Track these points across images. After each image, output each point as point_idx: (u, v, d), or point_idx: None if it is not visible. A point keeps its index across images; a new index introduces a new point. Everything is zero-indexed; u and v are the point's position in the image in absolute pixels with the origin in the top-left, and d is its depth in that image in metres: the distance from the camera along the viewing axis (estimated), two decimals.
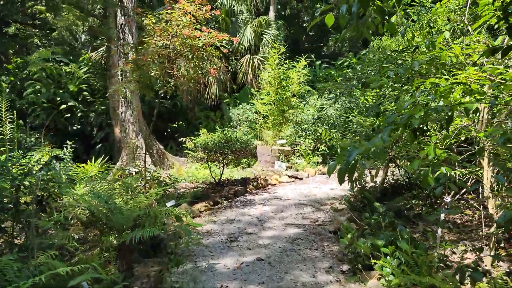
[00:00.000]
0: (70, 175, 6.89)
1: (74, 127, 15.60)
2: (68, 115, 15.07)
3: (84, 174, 9.40)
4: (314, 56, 20.05)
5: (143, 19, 6.98)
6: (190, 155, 10.68)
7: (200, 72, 7.21)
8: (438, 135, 4.30)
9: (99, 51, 15.86)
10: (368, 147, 2.45)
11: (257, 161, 12.01)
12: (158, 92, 7.20)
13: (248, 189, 8.92)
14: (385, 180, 7.12)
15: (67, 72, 14.98)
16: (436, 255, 4.28)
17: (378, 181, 7.28)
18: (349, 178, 2.46)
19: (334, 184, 9.46)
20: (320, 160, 11.32)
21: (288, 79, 11.63)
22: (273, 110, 11.73)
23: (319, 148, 11.49)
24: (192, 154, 10.38)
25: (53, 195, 5.13)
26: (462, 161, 4.28)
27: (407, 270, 3.91)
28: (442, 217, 4.48)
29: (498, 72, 3.07)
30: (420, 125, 2.78)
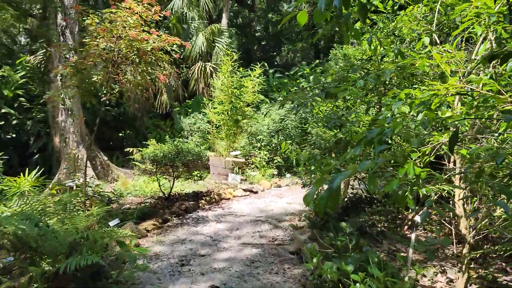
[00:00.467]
0: None
1: (8, 136, 14.33)
2: (2, 122, 13.81)
3: (16, 188, 8.46)
4: (267, 66, 19.81)
5: (85, 19, 6.29)
6: (137, 166, 9.95)
7: (148, 78, 6.60)
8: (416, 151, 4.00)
9: (38, 54, 14.71)
10: (355, 169, 2.03)
11: (209, 173, 11.44)
12: (101, 99, 6.50)
13: (200, 204, 8.33)
14: (346, 195, 6.82)
15: (1, 76, 13.74)
16: (407, 279, 3.95)
17: None
18: (330, 207, 2.02)
19: (289, 198, 9.10)
20: (275, 172, 10.93)
21: (242, 87, 11.17)
22: (226, 120, 11.20)
23: (275, 159, 11.11)
24: (140, 166, 9.67)
25: None
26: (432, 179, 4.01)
27: None
28: (412, 237, 4.16)
29: (484, 82, 2.77)
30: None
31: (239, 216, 7.59)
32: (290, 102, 4.80)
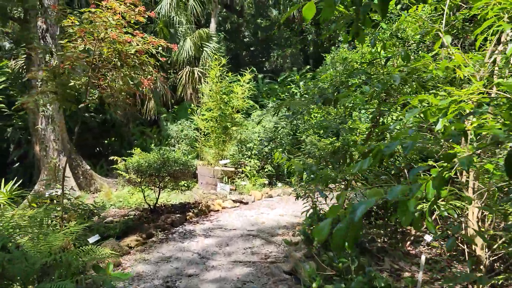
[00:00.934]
0: None
1: None
2: None
3: None
4: (256, 71, 19.43)
5: (62, 19, 5.83)
6: (122, 176, 9.45)
7: (131, 83, 6.14)
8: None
9: (19, 59, 14.13)
10: (380, 195, 1.63)
11: (197, 182, 10.97)
12: (79, 105, 6.02)
13: (187, 216, 7.86)
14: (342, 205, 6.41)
15: None
16: None
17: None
18: (349, 244, 1.61)
19: (281, 209, 8.68)
20: (266, 181, 10.50)
21: (231, 93, 10.74)
22: (215, 127, 10.75)
23: (265, 168, 10.68)
24: (124, 176, 9.17)
25: None
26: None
27: None
28: (422, 260, 3.77)
29: None
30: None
31: (228, 230, 7.14)
32: (285, 109, 4.41)
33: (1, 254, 3.91)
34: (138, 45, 6.22)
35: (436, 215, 5.07)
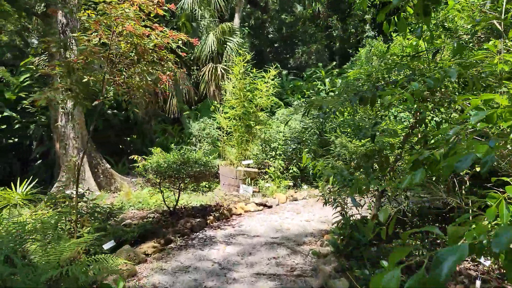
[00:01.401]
0: None
1: (10, 140, 13.67)
2: (4, 126, 13.17)
3: (6, 201, 7.71)
4: (280, 67, 18.90)
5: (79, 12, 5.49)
6: (142, 175, 9.12)
7: (149, 79, 5.75)
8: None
9: (42, 55, 14.02)
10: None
11: (219, 183, 10.56)
12: (94, 102, 5.66)
13: (208, 221, 7.45)
14: (376, 216, 5.88)
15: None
16: None
17: (367, 214, 6.05)
18: None
19: (307, 214, 8.18)
20: (291, 183, 9.99)
21: (255, 90, 10.25)
22: (238, 125, 10.29)
23: (290, 169, 10.18)
24: (144, 175, 8.84)
25: None
26: None
27: None
28: (478, 285, 3.23)
29: None
30: None
31: (251, 236, 6.69)
32: (319, 107, 3.91)
33: (2, 268, 3.56)
34: (156, 39, 5.84)
35: None
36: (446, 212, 6.06)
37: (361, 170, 5.52)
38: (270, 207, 8.61)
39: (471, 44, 4.20)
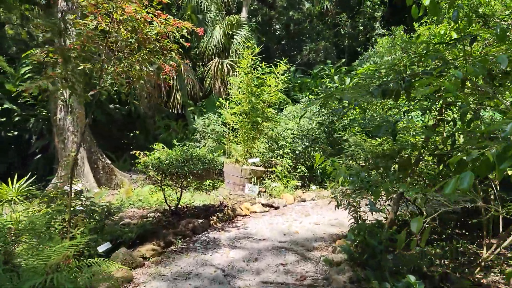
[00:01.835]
0: None
1: (10, 134, 13.30)
2: (3, 119, 12.79)
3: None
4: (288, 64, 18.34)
5: None
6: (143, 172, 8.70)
7: (151, 69, 5.33)
8: None
9: (44, 47, 13.60)
10: None
11: (223, 181, 10.13)
12: (89, 93, 5.24)
13: (211, 222, 7.03)
14: (393, 220, 5.43)
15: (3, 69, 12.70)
16: None
17: (382, 218, 5.61)
18: None
19: (316, 216, 7.73)
20: (299, 183, 9.52)
21: (263, 85, 9.77)
22: (244, 122, 9.83)
23: (298, 168, 9.72)
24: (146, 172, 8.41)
25: None
26: None
27: None
28: None
29: None
30: None
31: (257, 240, 6.25)
32: (337, 101, 3.47)
33: None
34: (159, 26, 5.42)
35: None
36: (467, 217, 5.61)
37: (379, 171, 5.07)
38: (277, 208, 8.17)
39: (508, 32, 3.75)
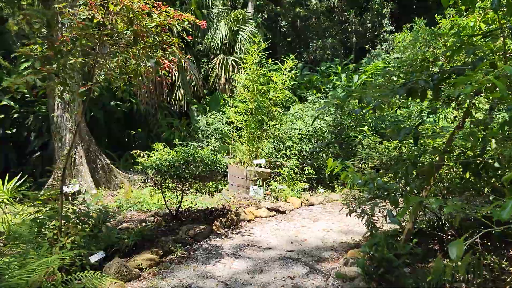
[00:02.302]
0: None
1: (8, 131, 12.93)
2: (1, 116, 12.41)
3: None
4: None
5: None
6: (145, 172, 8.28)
7: (148, 64, 4.91)
8: None
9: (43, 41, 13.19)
10: None
11: (227, 183, 9.71)
12: (80, 90, 4.83)
13: (214, 227, 6.61)
14: (411, 231, 4.99)
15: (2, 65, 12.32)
16: None
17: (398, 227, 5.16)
18: None
19: (325, 221, 7.29)
20: (306, 186, 9.08)
21: (269, 83, 9.32)
22: (249, 121, 9.38)
23: (305, 170, 9.27)
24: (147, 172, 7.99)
25: None
26: None
27: None
28: None
29: None
30: None
31: (263, 249, 5.82)
32: (360, 100, 3.04)
33: None
34: (159, 18, 5.00)
35: None
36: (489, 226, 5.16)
37: (398, 177, 4.62)
38: (283, 212, 7.74)
39: None
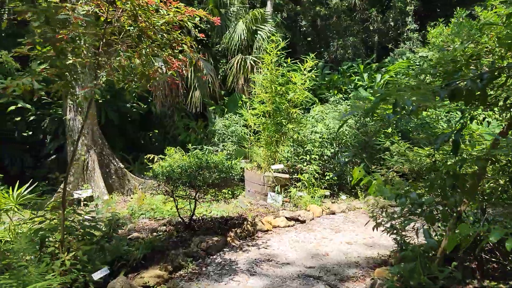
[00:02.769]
0: None
1: (24, 134, 12.79)
2: (18, 118, 12.27)
3: None
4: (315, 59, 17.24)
5: None
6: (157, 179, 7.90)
7: (156, 64, 4.51)
8: None
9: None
10: None
11: (244, 189, 9.26)
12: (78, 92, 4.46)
13: (228, 238, 6.17)
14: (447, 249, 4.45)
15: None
16: None
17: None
18: None
19: (348, 233, 6.77)
20: (327, 193, 8.54)
21: (289, 83, 8.81)
22: (267, 123, 8.90)
23: (326, 175, 8.73)
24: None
25: None
26: None
27: None
28: None
29: None
30: None
31: (281, 264, 5.34)
32: (395, 102, 2.56)
33: None
34: (168, 14, 4.60)
35: None
36: None
37: (434, 190, 4.09)
38: (303, 222, 7.24)
39: None
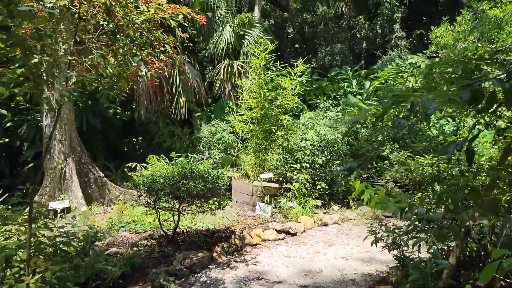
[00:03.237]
0: None
1: (1, 141, 12.20)
2: None
3: None
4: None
5: None
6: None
7: (134, 63, 4.08)
8: None
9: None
10: None
11: (231, 199, 8.82)
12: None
13: (214, 254, 5.72)
14: (454, 266, 4.08)
15: None
16: None
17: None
18: None
19: (342, 246, 6.38)
20: (319, 203, 8.15)
21: (278, 89, 8.43)
22: (256, 130, 8.50)
23: (318, 184, 8.34)
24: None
25: None
26: None
27: None
28: None
29: None
30: None
31: (271, 283, 4.91)
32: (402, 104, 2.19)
33: None
34: (148, 11, 4.20)
35: None
36: None
37: (442, 203, 3.73)
38: (294, 234, 6.83)
39: None
